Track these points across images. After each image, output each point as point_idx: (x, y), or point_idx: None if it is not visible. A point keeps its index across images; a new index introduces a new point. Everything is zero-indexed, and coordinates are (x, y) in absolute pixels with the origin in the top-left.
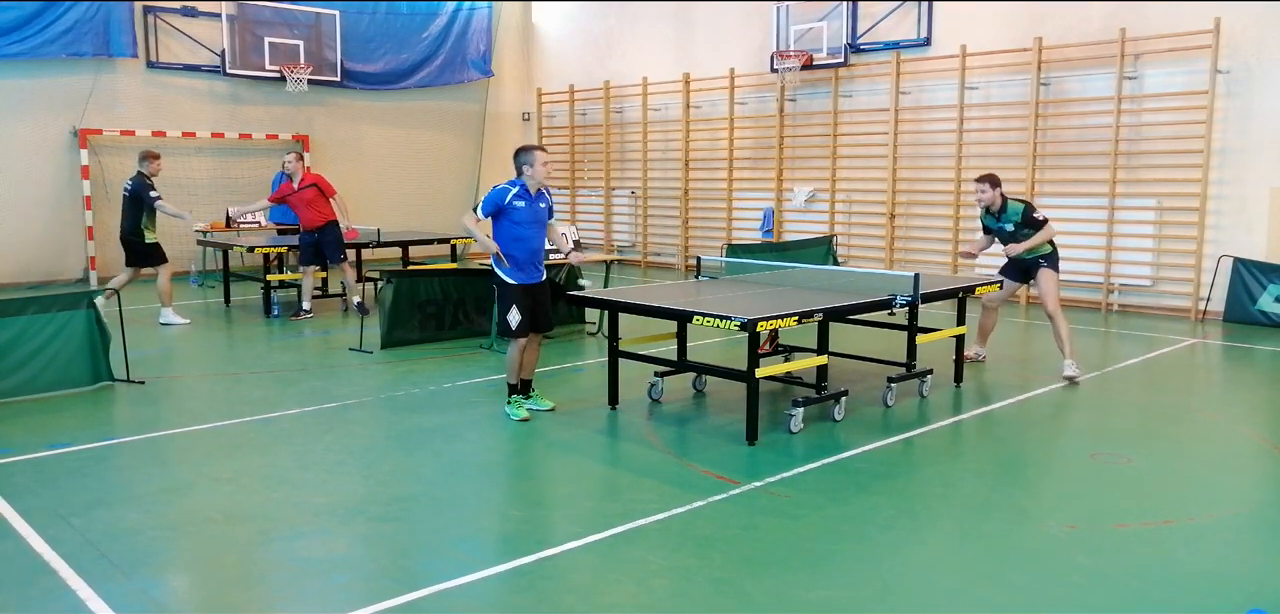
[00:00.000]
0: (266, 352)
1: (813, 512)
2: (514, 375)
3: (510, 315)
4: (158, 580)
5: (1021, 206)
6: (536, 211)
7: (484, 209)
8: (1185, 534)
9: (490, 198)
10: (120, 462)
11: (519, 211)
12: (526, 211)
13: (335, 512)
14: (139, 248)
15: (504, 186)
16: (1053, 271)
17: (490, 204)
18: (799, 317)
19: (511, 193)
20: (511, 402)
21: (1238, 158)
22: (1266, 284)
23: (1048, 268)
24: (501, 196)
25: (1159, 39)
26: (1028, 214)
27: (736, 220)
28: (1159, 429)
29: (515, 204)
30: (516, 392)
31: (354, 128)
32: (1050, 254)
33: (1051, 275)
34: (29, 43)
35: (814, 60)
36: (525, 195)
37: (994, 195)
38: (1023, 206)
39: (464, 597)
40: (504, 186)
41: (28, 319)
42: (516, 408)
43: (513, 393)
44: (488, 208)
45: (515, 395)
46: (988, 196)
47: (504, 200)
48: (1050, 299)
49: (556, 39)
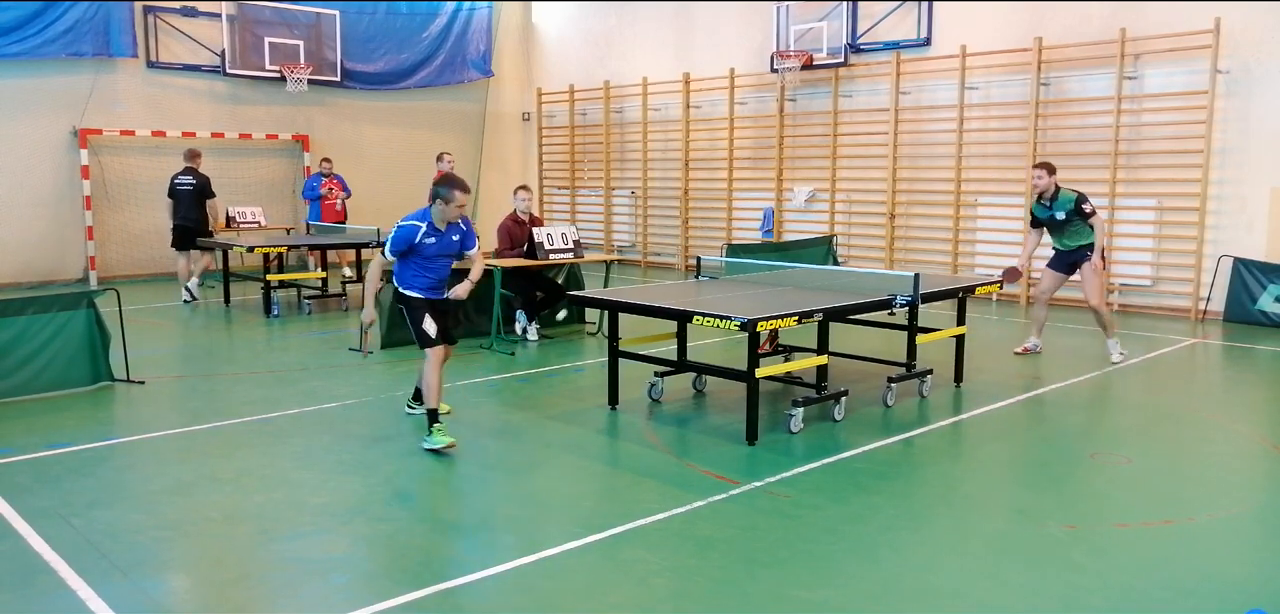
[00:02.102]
0: (266, 352)
1: (813, 512)
2: (434, 399)
3: (425, 325)
4: (158, 580)
5: (1074, 196)
6: (446, 244)
7: (392, 248)
8: (1185, 534)
9: (400, 237)
10: (120, 462)
11: (428, 247)
12: (435, 247)
13: (335, 512)
14: (200, 233)
15: (412, 225)
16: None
17: (401, 243)
18: (799, 317)
19: (421, 231)
20: (433, 431)
21: (1238, 158)
22: (1266, 284)
23: (1092, 260)
24: (412, 235)
25: (1159, 39)
26: (1079, 205)
27: (736, 220)
28: (1159, 429)
29: (424, 242)
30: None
31: (354, 128)
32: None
33: (1097, 270)
34: (29, 43)
35: (814, 60)
36: (433, 232)
37: (1049, 182)
38: (1075, 197)
39: (464, 597)
40: (412, 225)
41: (28, 319)
42: (439, 436)
43: (433, 421)
44: (398, 247)
45: (437, 424)
46: (1044, 182)
47: (414, 240)
48: (1094, 294)
49: (556, 39)
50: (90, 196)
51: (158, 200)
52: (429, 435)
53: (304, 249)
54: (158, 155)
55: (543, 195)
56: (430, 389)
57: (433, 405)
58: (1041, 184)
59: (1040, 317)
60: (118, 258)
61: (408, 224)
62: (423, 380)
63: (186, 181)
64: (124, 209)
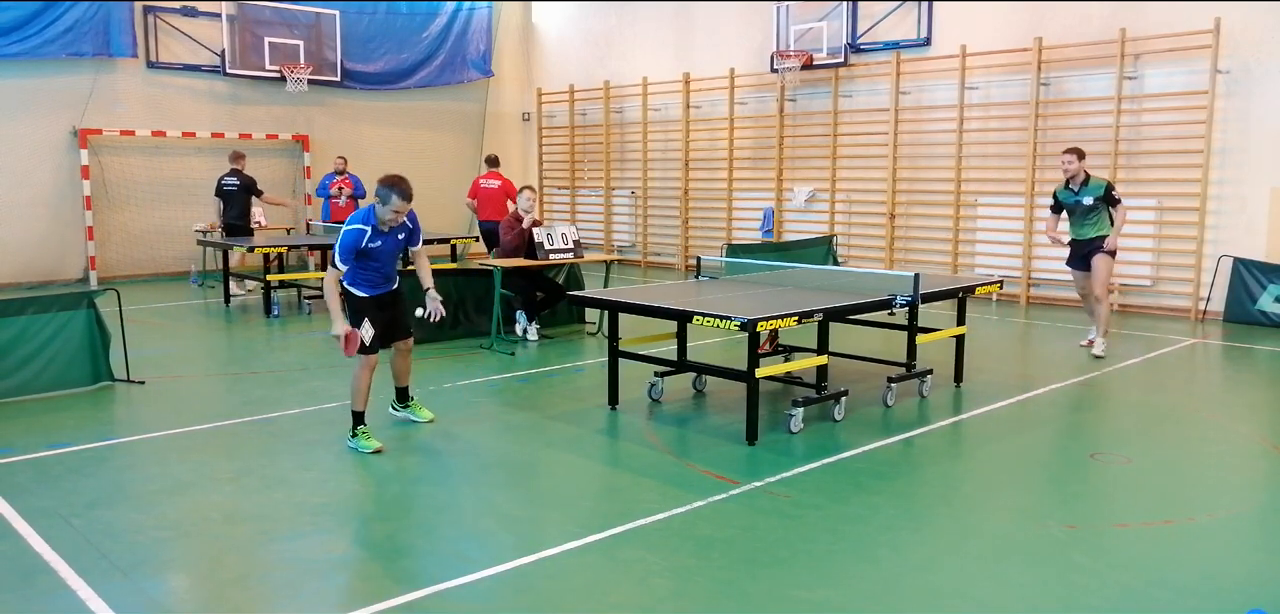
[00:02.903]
0: (266, 351)
1: (813, 512)
2: (360, 401)
3: (362, 330)
4: (158, 580)
5: (1105, 183)
6: (392, 243)
7: (342, 257)
8: (1185, 534)
9: (347, 244)
10: (120, 462)
11: (375, 249)
12: (382, 247)
13: (335, 512)
14: (247, 231)
15: (357, 229)
16: (1108, 257)
17: (348, 252)
18: (799, 317)
19: (366, 234)
20: (358, 433)
21: (1238, 158)
22: (1266, 284)
23: (1103, 253)
24: (358, 240)
25: (1159, 39)
26: (1109, 191)
27: (736, 220)
28: (1159, 429)
29: (370, 245)
30: (362, 421)
31: (354, 128)
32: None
33: (1107, 261)
34: (29, 43)
35: (814, 60)
36: (378, 235)
37: (1079, 167)
38: (1105, 183)
39: (464, 597)
40: (357, 229)
41: (28, 319)
42: (365, 440)
43: (359, 423)
44: (346, 256)
45: (361, 426)
46: (1074, 167)
47: (361, 244)
48: (1101, 284)
49: (556, 39)
50: (90, 196)
51: (158, 200)
52: (354, 438)
53: (304, 249)
54: (158, 155)
55: (543, 195)
56: (357, 389)
57: (358, 407)
58: (1072, 168)
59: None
60: (118, 258)
61: (352, 229)
62: (353, 380)
63: (233, 181)
64: (124, 209)
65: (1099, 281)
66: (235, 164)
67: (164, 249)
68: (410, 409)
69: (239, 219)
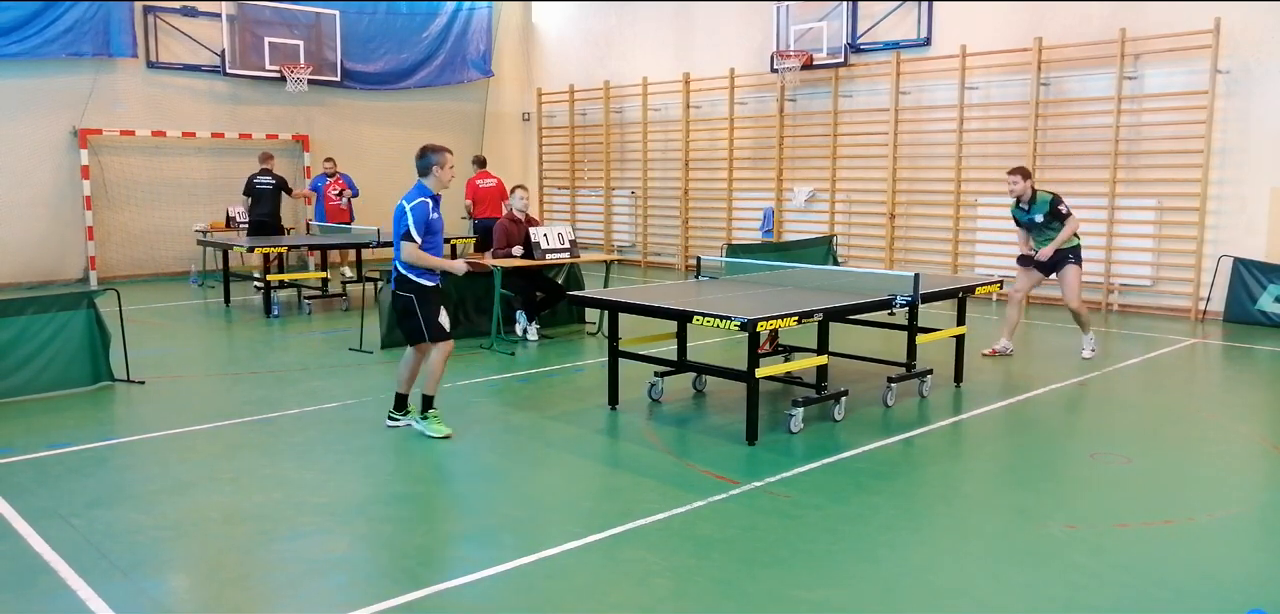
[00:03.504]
0: (266, 351)
1: (813, 512)
2: (432, 386)
3: (441, 317)
4: (158, 580)
5: (1049, 198)
6: (440, 220)
7: (418, 229)
8: (1185, 534)
9: (418, 218)
10: (120, 462)
11: (435, 222)
12: (439, 219)
13: (335, 512)
14: (278, 229)
15: (421, 201)
16: (1077, 267)
17: (421, 224)
18: (799, 317)
19: (430, 205)
20: (428, 417)
21: (1238, 158)
22: (1266, 284)
23: (1073, 264)
24: (426, 213)
25: (1159, 39)
26: (1054, 206)
27: (736, 220)
28: (1159, 429)
29: (432, 217)
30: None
31: (354, 128)
32: (1076, 248)
33: (1076, 271)
34: (29, 43)
35: (814, 60)
36: (436, 204)
37: (1025, 187)
38: (1050, 198)
39: (464, 597)
40: (421, 201)
41: (28, 319)
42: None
43: (429, 407)
44: (421, 229)
45: (432, 411)
46: (1020, 187)
47: (429, 216)
48: (1073, 296)
49: (556, 39)
50: (90, 196)
51: (158, 200)
52: (424, 421)
53: (304, 249)
54: (158, 155)
55: (543, 195)
56: (433, 376)
57: (431, 391)
58: (1018, 189)
59: (1013, 318)
60: (118, 258)
61: (417, 202)
62: (429, 369)
63: (266, 181)
64: (124, 209)
65: (1072, 293)
66: (265, 164)
67: (164, 249)
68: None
69: (267, 215)
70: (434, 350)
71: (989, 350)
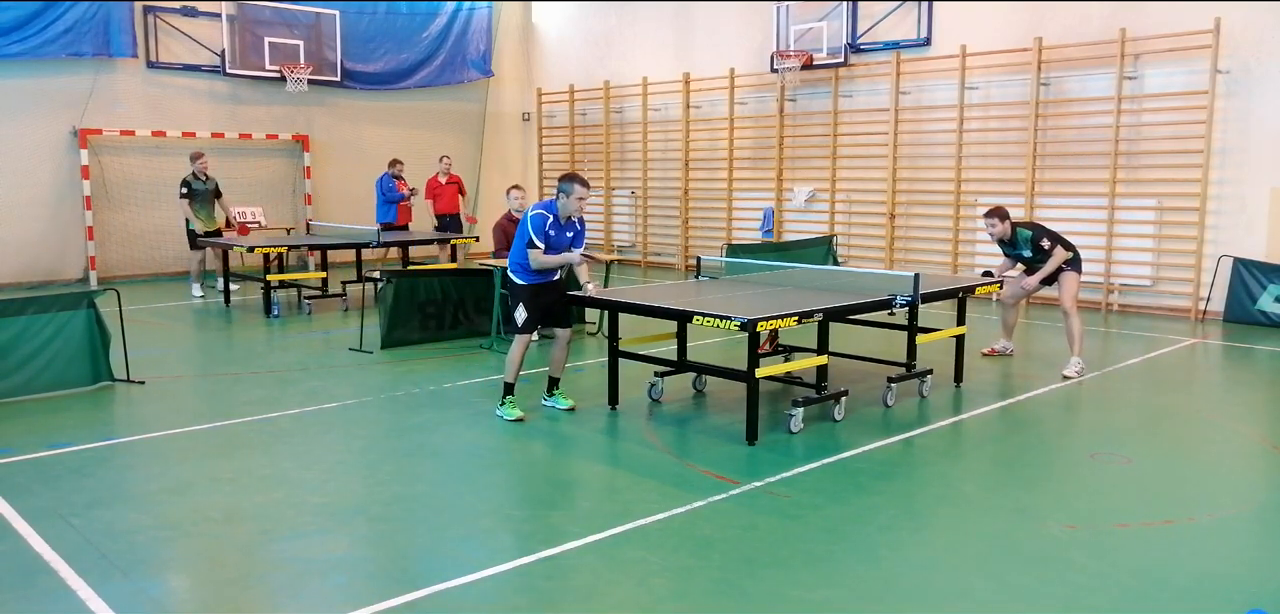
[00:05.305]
0: (266, 352)
1: (813, 512)
2: (512, 373)
3: (517, 313)
4: (158, 580)
5: (1029, 234)
6: (562, 239)
7: (537, 235)
8: (1185, 534)
9: (537, 226)
10: (120, 462)
11: (550, 238)
12: (556, 239)
13: (335, 512)
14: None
15: (541, 213)
16: (1075, 273)
17: (540, 232)
18: (799, 317)
19: (549, 219)
20: (505, 402)
21: (1238, 158)
22: (1266, 284)
23: (1070, 271)
24: (543, 223)
25: (1159, 39)
26: (1036, 242)
27: (736, 220)
28: (1159, 429)
29: (548, 232)
30: (511, 392)
31: (354, 128)
32: (1072, 259)
33: (1073, 277)
34: (29, 43)
35: (814, 60)
36: (557, 225)
37: (1003, 228)
38: (1031, 234)
39: (464, 597)
40: (541, 213)
41: (28, 319)
42: (510, 408)
43: (508, 393)
44: (540, 236)
45: (510, 396)
46: (999, 230)
47: (544, 227)
48: (1068, 298)
49: (556, 39)
50: (90, 196)
51: (158, 200)
52: (502, 406)
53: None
54: (158, 155)
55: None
56: (512, 364)
57: (510, 378)
58: (996, 231)
59: (1010, 320)
60: (118, 258)
61: (537, 213)
62: (508, 356)
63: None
64: (124, 209)
65: (1067, 297)
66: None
67: (164, 249)
68: (556, 398)
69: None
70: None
71: (988, 350)
